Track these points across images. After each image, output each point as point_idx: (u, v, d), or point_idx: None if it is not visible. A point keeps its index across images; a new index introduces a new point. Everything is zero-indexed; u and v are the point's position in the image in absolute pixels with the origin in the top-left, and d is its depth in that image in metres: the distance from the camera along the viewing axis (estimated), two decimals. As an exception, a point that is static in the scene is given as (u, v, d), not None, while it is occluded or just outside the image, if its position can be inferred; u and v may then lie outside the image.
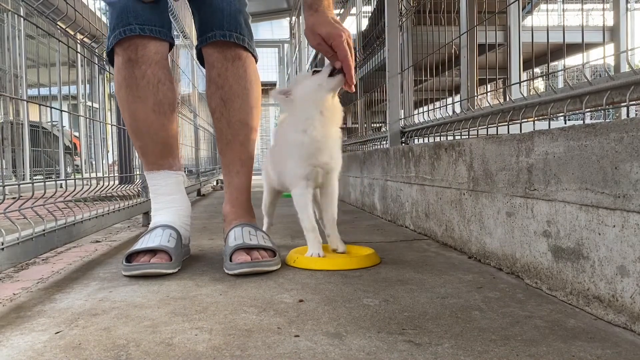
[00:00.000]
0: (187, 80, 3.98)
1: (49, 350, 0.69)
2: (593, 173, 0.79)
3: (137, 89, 1.23)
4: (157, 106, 1.25)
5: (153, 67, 1.23)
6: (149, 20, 1.21)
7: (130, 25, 1.19)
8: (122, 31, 1.19)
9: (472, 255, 1.27)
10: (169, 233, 1.21)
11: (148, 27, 1.21)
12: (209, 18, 1.29)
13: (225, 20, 1.28)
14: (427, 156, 1.58)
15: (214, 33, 1.28)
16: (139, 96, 1.23)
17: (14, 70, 5.02)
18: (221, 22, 1.28)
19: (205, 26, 1.30)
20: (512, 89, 2.33)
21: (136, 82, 1.22)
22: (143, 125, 1.26)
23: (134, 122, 1.27)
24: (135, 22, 1.19)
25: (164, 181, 1.30)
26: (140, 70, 1.22)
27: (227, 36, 1.28)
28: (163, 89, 1.25)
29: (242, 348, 0.69)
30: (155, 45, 1.23)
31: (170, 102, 1.27)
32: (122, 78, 1.23)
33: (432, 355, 0.65)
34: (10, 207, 1.03)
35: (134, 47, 1.20)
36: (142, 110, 1.24)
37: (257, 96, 1.35)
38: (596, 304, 0.80)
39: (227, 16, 1.28)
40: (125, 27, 1.19)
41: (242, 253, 1.14)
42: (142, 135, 1.28)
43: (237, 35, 1.29)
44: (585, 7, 3.63)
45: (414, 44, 2.51)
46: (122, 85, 1.24)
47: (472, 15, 2.64)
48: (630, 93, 0.88)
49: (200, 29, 1.32)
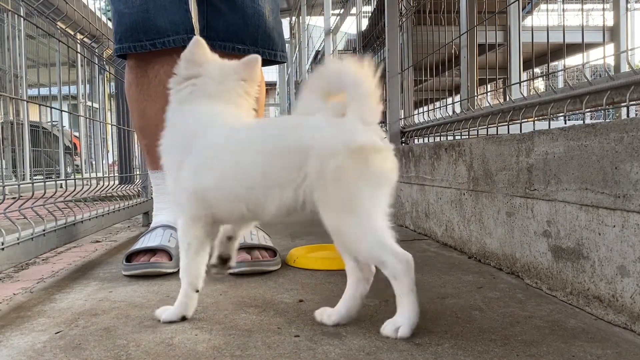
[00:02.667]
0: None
1: (49, 350, 0.70)
2: (593, 173, 0.79)
3: (148, 88, 1.23)
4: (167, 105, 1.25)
5: (166, 67, 1.21)
6: (162, 33, 1.19)
7: (141, 42, 1.19)
8: (132, 46, 1.19)
9: (472, 255, 1.27)
10: (169, 233, 1.21)
11: (160, 41, 1.20)
12: (240, 28, 1.25)
13: (260, 37, 1.27)
14: (427, 156, 1.58)
15: (247, 48, 1.24)
16: (150, 95, 1.24)
17: (14, 70, 5.01)
18: (255, 38, 1.26)
19: (230, 33, 1.26)
20: (512, 89, 2.32)
21: (148, 81, 1.23)
22: (151, 124, 1.26)
23: (143, 120, 1.27)
24: (145, 38, 1.19)
25: (167, 181, 1.30)
26: (153, 70, 1.22)
27: (262, 53, 1.24)
28: None
29: (242, 348, 0.69)
30: (169, 50, 1.22)
31: None
32: (134, 76, 1.24)
33: (432, 355, 0.65)
34: (10, 207, 1.03)
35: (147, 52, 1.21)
36: (152, 109, 1.24)
37: (262, 98, 1.35)
38: (596, 304, 0.80)
39: (262, 33, 1.27)
40: (136, 42, 1.19)
41: (242, 252, 1.14)
42: (150, 134, 1.27)
43: (269, 52, 1.29)
44: (585, 7, 3.63)
45: (414, 44, 2.51)
46: (133, 84, 1.24)
47: (472, 15, 2.64)
48: (630, 93, 0.88)
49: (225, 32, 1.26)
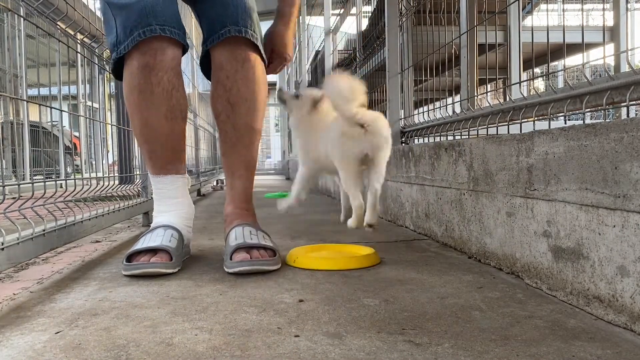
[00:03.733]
0: (187, 80, 3.99)
1: (49, 350, 0.70)
2: (593, 173, 0.79)
3: (151, 95, 1.20)
4: (170, 112, 1.23)
5: (169, 73, 1.21)
6: (168, 21, 1.18)
7: (151, 26, 1.16)
8: (142, 32, 1.15)
9: (472, 255, 1.27)
10: (170, 233, 1.21)
11: (168, 28, 1.18)
12: (221, 13, 1.26)
13: (241, 16, 1.26)
14: (427, 156, 1.58)
15: (229, 29, 1.25)
16: (153, 102, 1.21)
17: (14, 70, 5.02)
18: (236, 18, 1.25)
19: (216, 23, 1.27)
20: (512, 89, 2.32)
21: (151, 89, 1.20)
22: (154, 131, 1.24)
23: (145, 128, 1.24)
24: (155, 22, 1.16)
25: (170, 185, 1.28)
26: (157, 77, 1.19)
27: (242, 32, 1.25)
28: (177, 95, 1.23)
29: (242, 348, 0.69)
30: (173, 50, 1.21)
31: (182, 108, 1.26)
32: (137, 83, 1.20)
33: (432, 355, 0.65)
34: (10, 207, 1.03)
35: (152, 52, 1.17)
36: (155, 117, 1.22)
37: (264, 99, 1.34)
38: (596, 304, 0.80)
39: (243, 12, 1.26)
40: (145, 27, 1.16)
41: (242, 252, 1.14)
42: (152, 140, 1.26)
43: (252, 33, 1.28)
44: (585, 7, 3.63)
45: (414, 44, 2.51)
46: (135, 91, 1.21)
47: (472, 15, 2.63)
48: (630, 93, 0.88)
49: (211, 27, 1.28)
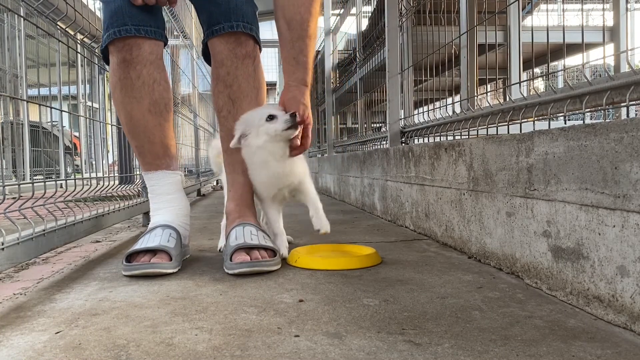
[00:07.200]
0: (187, 80, 3.98)
1: (49, 350, 0.70)
2: (593, 173, 0.79)
3: (132, 90, 1.23)
4: (153, 106, 1.25)
5: (148, 67, 1.22)
6: (144, 21, 1.20)
7: (126, 26, 1.18)
8: (116, 31, 1.18)
9: (472, 255, 1.27)
10: (168, 233, 1.21)
11: (143, 28, 1.20)
12: (214, 10, 1.28)
13: (232, 11, 1.27)
14: (427, 156, 1.58)
15: (222, 25, 1.26)
16: (135, 96, 1.23)
17: (14, 70, 5.01)
18: (228, 14, 1.27)
19: (211, 18, 1.28)
20: (512, 89, 2.33)
21: (132, 83, 1.22)
22: (139, 126, 1.26)
23: (130, 123, 1.27)
24: (130, 22, 1.19)
25: (162, 181, 1.30)
26: (135, 71, 1.21)
27: (234, 27, 1.26)
28: (159, 89, 1.25)
29: (242, 348, 0.69)
30: (150, 45, 1.22)
31: (166, 102, 1.27)
32: (117, 79, 1.23)
33: (432, 355, 0.65)
34: (10, 207, 1.03)
35: (128, 48, 1.20)
36: (138, 111, 1.24)
37: (264, 95, 1.35)
38: (596, 304, 0.80)
39: (234, 7, 1.27)
40: (121, 27, 1.18)
41: (242, 253, 1.14)
42: (139, 135, 1.28)
43: (244, 24, 1.28)
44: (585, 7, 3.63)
45: (414, 44, 2.51)
46: (117, 86, 1.24)
47: (472, 15, 2.64)
48: (630, 93, 0.88)
49: (207, 21, 1.30)
